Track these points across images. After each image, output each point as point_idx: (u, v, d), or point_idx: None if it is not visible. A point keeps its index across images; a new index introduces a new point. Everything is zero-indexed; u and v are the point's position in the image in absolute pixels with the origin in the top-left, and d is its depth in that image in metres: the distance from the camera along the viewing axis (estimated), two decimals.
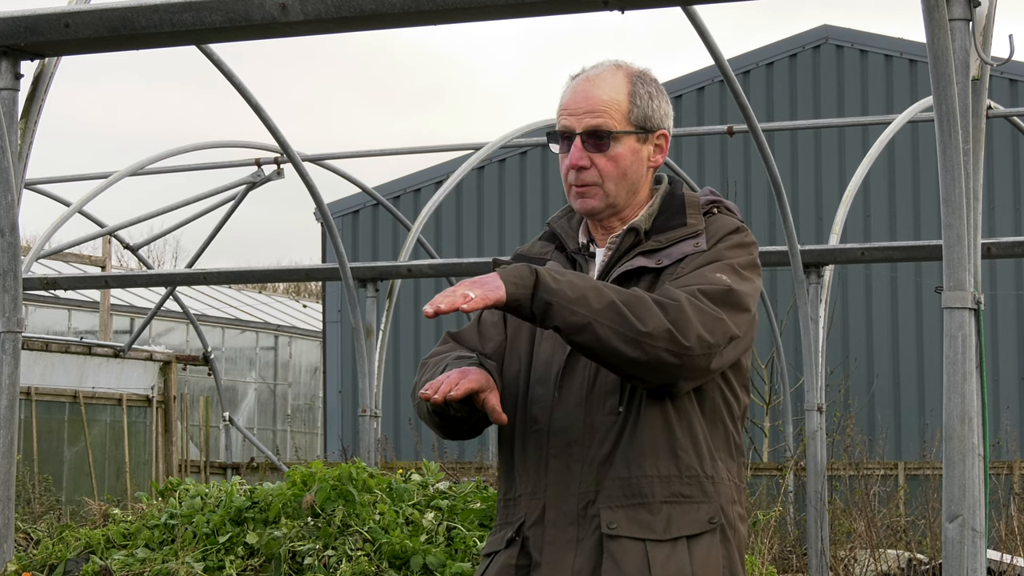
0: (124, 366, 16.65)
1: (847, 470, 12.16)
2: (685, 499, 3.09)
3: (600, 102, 3.19)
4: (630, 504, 3.08)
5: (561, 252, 3.29)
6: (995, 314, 16.47)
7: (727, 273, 3.11)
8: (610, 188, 3.20)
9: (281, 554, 6.64)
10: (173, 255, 41.32)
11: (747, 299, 3.10)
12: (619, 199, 3.22)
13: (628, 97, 3.20)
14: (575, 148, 3.19)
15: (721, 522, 3.11)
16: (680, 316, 2.99)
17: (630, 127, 3.20)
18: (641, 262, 3.16)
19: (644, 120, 3.21)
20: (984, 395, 5.12)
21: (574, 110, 3.21)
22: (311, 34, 5.77)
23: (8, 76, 5.92)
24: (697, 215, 3.22)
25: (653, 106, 3.23)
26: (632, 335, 2.96)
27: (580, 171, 3.20)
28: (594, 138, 3.19)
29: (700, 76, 17.85)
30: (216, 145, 13.26)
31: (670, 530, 3.06)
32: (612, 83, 3.21)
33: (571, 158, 3.19)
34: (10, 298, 6.03)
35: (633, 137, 3.20)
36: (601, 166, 3.20)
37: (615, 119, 3.19)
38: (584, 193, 3.22)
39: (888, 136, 11.12)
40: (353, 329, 11.17)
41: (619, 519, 3.07)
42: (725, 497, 3.13)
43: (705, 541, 3.09)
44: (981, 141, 5.19)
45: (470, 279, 2.98)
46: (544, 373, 3.19)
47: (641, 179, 3.24)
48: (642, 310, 2.98)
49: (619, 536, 3.06)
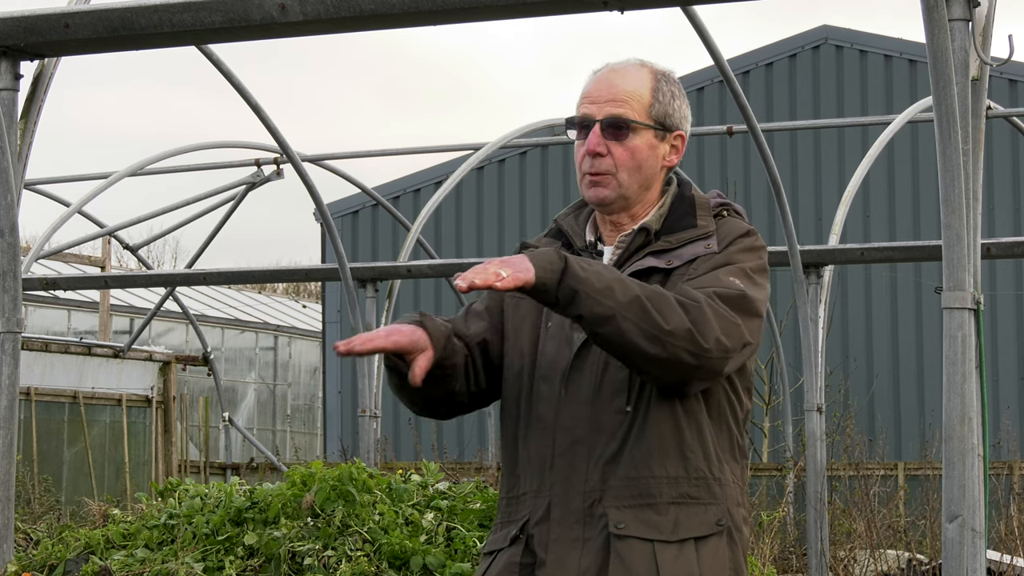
0: (124, 366, 16.65)
1: (847, 470, 12.16)
2: (693, 500, 3.09)
3: (623, 92, 3.20)
4: (637, 504, 3.07)
5: (568, 249, 3.27)
6: (995, 314, 16.47)
7: (740, 277, 3.12)
8: (623, 178, 3.20)
9: (281, 554, 6.64)
10: (173, 255, 41.32)
11: (759, 305, 3.12)
12: (631, 191, 3.22)
13: (651, 92, 3.21)
14: (593, 134, 3.19)
15: (728, 524, 3.11)
16: (700, 317, 3.00)
17: (650, 121, 3.20)
18: (651, 262, 3.16)
19: (664, 117, 3.22)
20: (984, 395, 5.12)
21: (596, 98, 3.21)
22: (311, 34, 5.77)
23: (8, 76, 5.92)
24: (707, 217, 3.22)
25: (675, 105, 3.24)
26: (654, 332, 2.97)
27: (596, 158, 3.20)
28: (613, 127, 3.19)
29: (700, 76, 17.85)
30: (216, 145, 13.26)
31: (678, 531, 3.06)
32: (636, 76, 3.23)
33: (588, 144, 3.19)
34: (10, 298, 6.03)
35: (651, 132, 3.21)
36: (617, 155, 3.20)
37: (636, 110, 3.20)
38: (598, 182, 3.21)
39: (888, 136, 11.12)
40: (353, 329, 11.17)
41: (627, 519, 3.06)
42: (731, 499, 3.14)
43: (712, 543, 3.09)
44: (981, 141, 5.19)
45: (500, 258, 2.97)
46: (549, 370, 3.18)
47: (654, 176, 3.24)
48: (665, 307, 2.99)
49: (627, 536, 3.05)
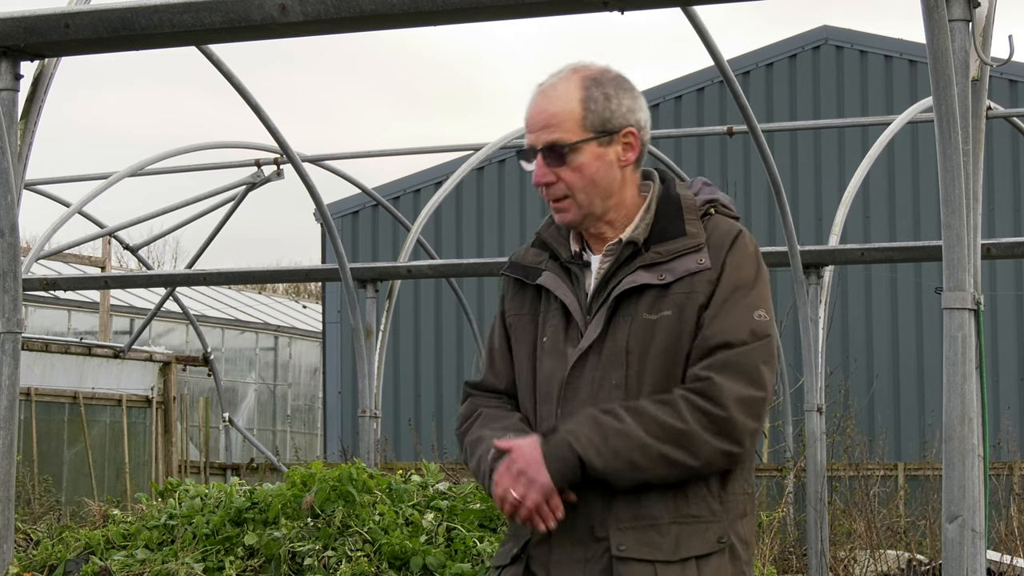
0: (124, 367, 16.64)
1: (847, 471, 12.16)
2: (693, 519, 3.09)
3: (552, 115, 3.13)
4: (639, 526, 3.07)
5: (555, 260, 3.25)
6: (995, 314, 16.46)
7: (764, 308, 3.12)
8: (581, 199, 3.16)
9: (281, 555, 6.64)
10: (173, 256, 41.32)
11: (773, 329, 3.13)
12: (595, 207, 3.17)
13: (581, 104, 3.13)
14: (537, 165, 3.16)
15: (730, 541, 3.11)
16: (729, 428, 3.03)
17: (587, 134, 3.13)
18: (644, 278, 3.13)
19: (602, 124, 3.14)
20: (984, 395, 5.11)
21: (532, 126, 3.16)
22: (311, 35, 5.77)
23: (8, 77, 5.92)
24: (695, 221, 3.18)
25: (611, 107, 3.15)
26: (687, 470, 3.04)
27: (548, 187, 3.16)
28: (552, 153, 3.13)
29: (700, 76, 17.84)
30: (216, 146, 13.26)
31: (679, 551, 3.06)
32: (564, 92, 3.14)
33: (535, 176, 3.17)
34: (10, 299, 6.03)
35: (593, 143, 3.14)
36: (567, 178, 3.15)
37: (570, 130, 3.12)
38: (559, 208, 3.19)
39: (888, 137, 11.11)
40: (353, 330, 11.16)
41: (628, 541, 3.06)
42: (733, 513, 3.13)
43: (714, 561, 3.09)
44: (981, 142, 5.18)
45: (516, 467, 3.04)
46: (547, 389, 3.18)
47: (615, 181, 3.18)
48: (690, 444, 3.01)
49: (629, 558, 3.05)
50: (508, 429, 3.17)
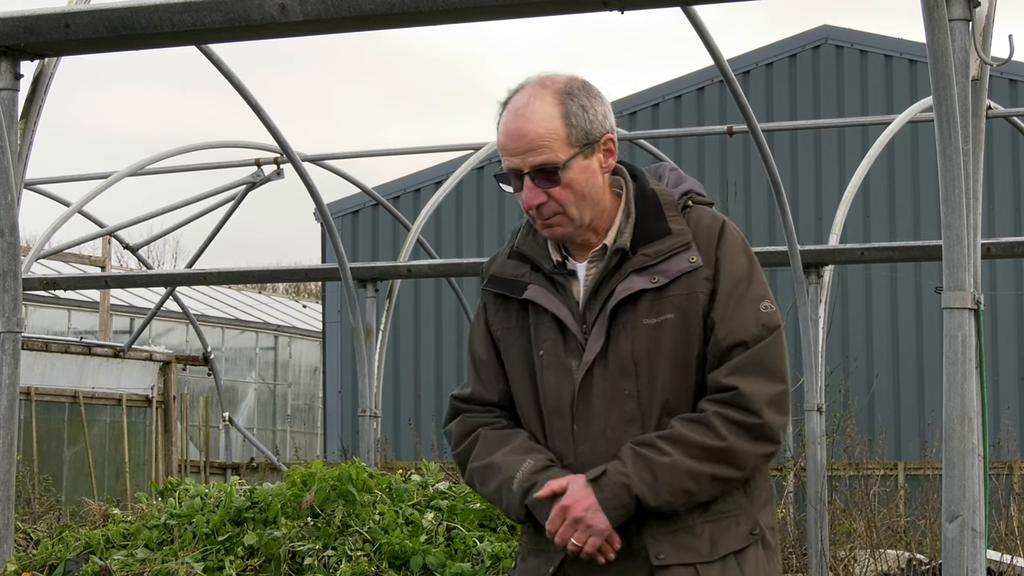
0: (124, 366, 16.64)
1: (847, 470, 12.15)
2: (722, 515, 3.09)
3: (537, 137, 3.08)
4: (672, 531, 3.07)
5: (537, 271, 3.21)
6: (995, 314, 16.46)
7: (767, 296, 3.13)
8: (573, 213, 3.13)
9: (281, 554, 6.64)
10: (173, 255, 41.33)
11: (778, 317, 3.15)
12: (587, 217, 3.15)
13: (562, 120, 3.10)
14: (527, 188, 3.11)
15: (761, 531, 3.13)
16: (766, 432, 3.05)
17: (574, 149, 3.10)
18: (638, 284, 3.10)
19: (585, 136, 3.11)
20: (984, 395, 5.11)
21: (514, 150, 3.11)
22: (311, 34, 5.77)
23: (8, 76, 5.92)
24: (677, 217, 3.15)
25: (589, 117, 3.12)
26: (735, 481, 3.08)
27: (539, 207, 3.13)
28: (542, 174, 3.10)
29: (700, 76, 17.83)
30: (216, 145, 13.25)
31: (717, 549, 3.07)
32: (543, 112, 3.09)
33: (526, 200, 3.12)
34: (10, 298, 6.03)
35: (580, 156, 3.11)
36: (558, 196, 3.11)
37: (557, 148, 3.09)
38: (551, 224, 3.15)
39: (888, 136, 11.11)
40: (353, 329, 11.16)
41: (665, 548, 3.06)
42: (758, 502, 3.15)
43: (751, 554, 3.11)
44: (981, 141, 5.18)
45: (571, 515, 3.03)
46: (556, 405, 3.14)
47: (600, 189, 3.16)
48: (734, 458, 3.04)
49: (669, 565, 3.05)
50: (519, 451, 3.13)
